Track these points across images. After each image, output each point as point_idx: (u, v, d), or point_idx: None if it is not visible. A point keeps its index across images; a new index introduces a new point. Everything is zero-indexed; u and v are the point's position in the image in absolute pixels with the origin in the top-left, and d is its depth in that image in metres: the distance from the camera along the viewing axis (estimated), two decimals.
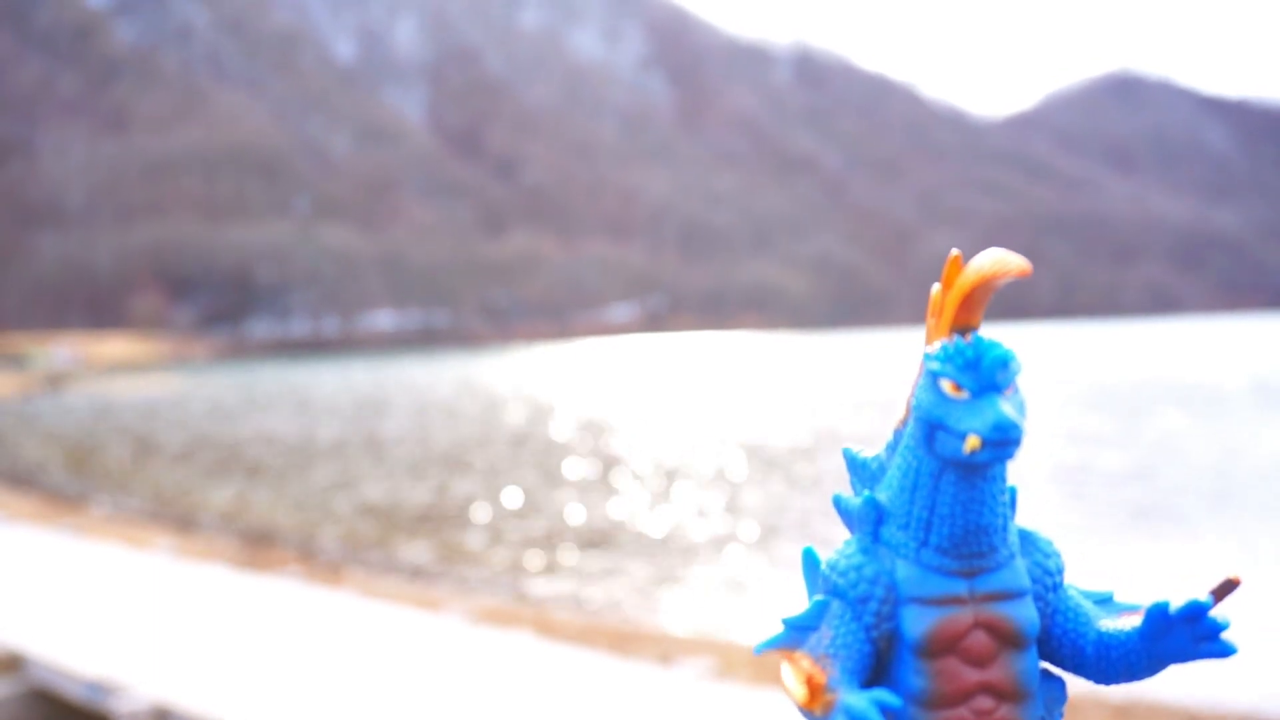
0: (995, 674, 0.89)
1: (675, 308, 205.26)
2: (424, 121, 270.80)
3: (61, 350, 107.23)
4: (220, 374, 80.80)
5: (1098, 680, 0.94)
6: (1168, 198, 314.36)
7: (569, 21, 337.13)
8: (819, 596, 0.93)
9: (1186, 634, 0.90)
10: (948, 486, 0.88)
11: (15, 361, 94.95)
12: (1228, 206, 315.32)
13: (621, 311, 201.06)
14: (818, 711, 0.85)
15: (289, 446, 27.57)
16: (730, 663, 7.63)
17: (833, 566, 0.92)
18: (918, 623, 0.88)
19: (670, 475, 21.43)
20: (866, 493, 0.95)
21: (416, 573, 13.05)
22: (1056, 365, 55.59)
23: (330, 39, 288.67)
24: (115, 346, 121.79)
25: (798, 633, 0.91)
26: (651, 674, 5.54)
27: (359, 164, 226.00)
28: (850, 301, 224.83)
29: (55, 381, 63.49)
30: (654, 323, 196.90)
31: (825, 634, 0.90)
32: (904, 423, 0.94)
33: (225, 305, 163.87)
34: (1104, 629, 0.94)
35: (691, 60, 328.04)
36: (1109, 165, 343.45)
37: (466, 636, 6.02)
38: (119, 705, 5.01)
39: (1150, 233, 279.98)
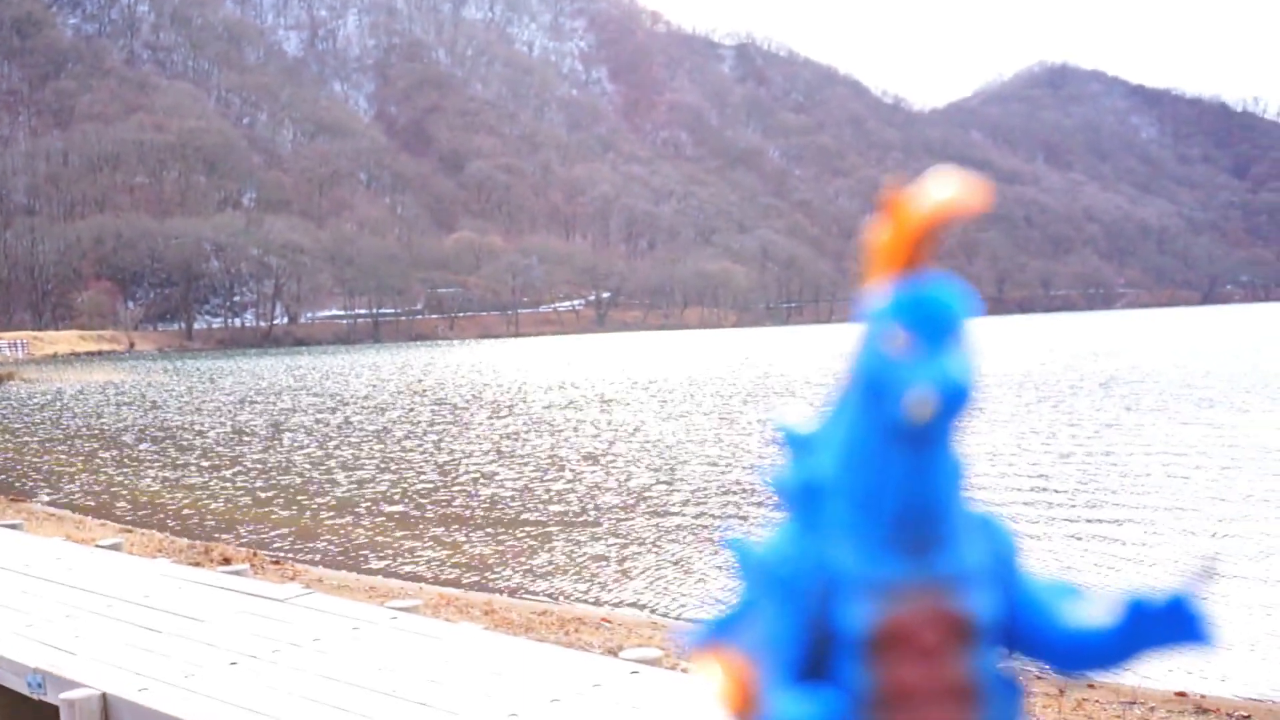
0: (947, 671, 0.80)
1: (621, 300, 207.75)
2: (371, 115, 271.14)
3: (8, 344, 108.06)
4: (168, 367, 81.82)
5: (1066, 670, 0.88)
6: (1100, 188, 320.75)
7: (514, 15, 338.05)
8: (750, 588, 0.85)
9: (1167, 625, 0.84)
10: (892, 458, 0.78)
11: None
12: (1158, 198, 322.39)
13: (568, 304, 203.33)
14: (748, 716, 0.79)
15: (235, 439, 27.98)
16: (680, 650, 7.64)
17: (764, 553, 0.83)
18: (860, 614, 0.79)
19: (617, 458, 21.71)
20: (801, 470, 0.84)
21: (367, 563, 13.08)
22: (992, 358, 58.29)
23: (277, 32, 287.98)
24: (62, 340, 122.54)
25: (725, 629, 0.83)
26: (599, 663, 5.67)
27: (306, 157, 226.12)
28: (793, 294, 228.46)
29: (1, 375, 64.21)
30: (600, 315, 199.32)
31: (756, 629, 0.82)
32: (842, 388, 0.83)
33: (173, 299, 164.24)
34: (1074, 619, 0.87)
35: (635, 54, 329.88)
36: (1042, 156, 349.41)
37: (416, 628, 6.16)
38: (64, 694, 5.22)
39: (1083, 224, 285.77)
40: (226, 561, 11.31)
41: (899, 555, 0.79)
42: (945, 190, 0.76)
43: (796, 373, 49.47)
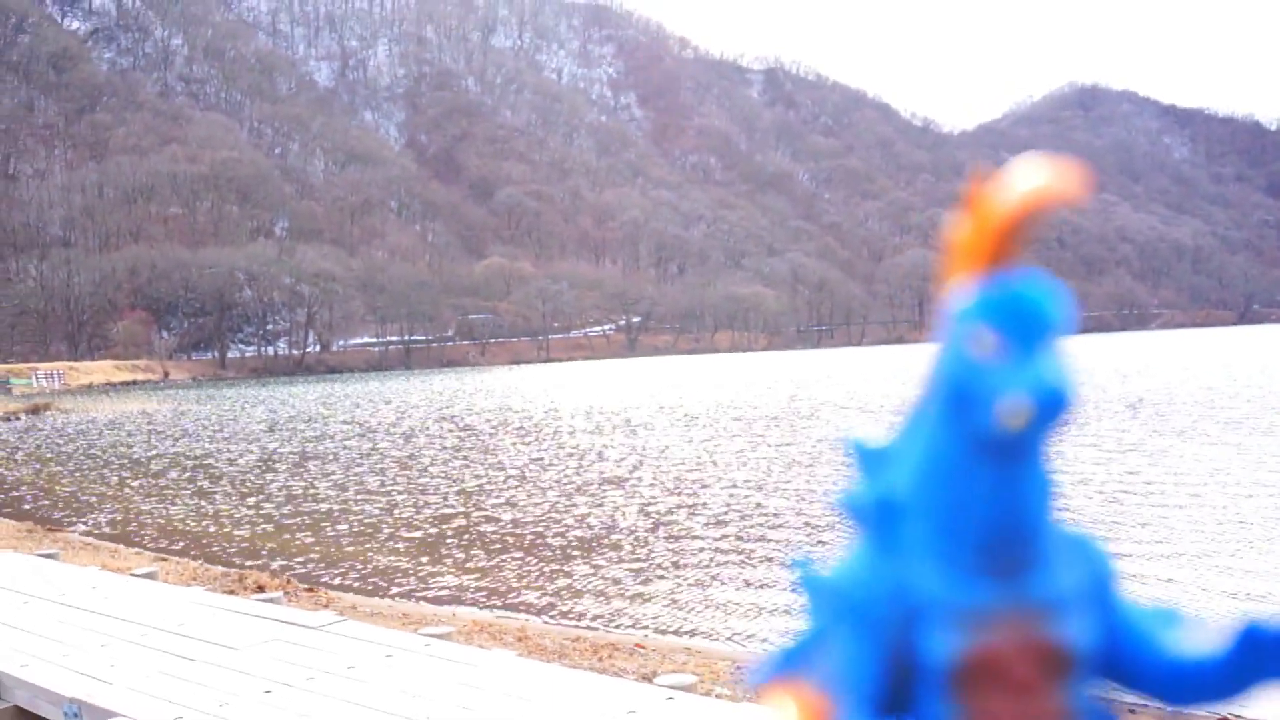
0: (1041, 705, 0.71)
1: (651, 325, 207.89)
2: (401, 144, 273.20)
3: (44, 375, 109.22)
4: (202, 396, 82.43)
5: (1171, 702, 0.79)
6: (1133, 209, 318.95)
7: (543, 43, 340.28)
8: (822, 615, 0.74)
9: None
10: (979, 472, 0.69)
11: None
12: (1192, 218, 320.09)
13: (598, 329, 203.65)
14: None
15: (264, 466, 28.02)
16: (714, 676, 7.84)
17: (838, 579, 0.74)
18: (945, 645, 0.70)
19: (641, 481, 21.70)
20: (878, 488, 0.75)
21: (397, 589, 12.99)
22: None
23: (308, 63, 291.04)
24: (97, 370, 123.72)
25: (797, 660, 0.74)
26: (634, 689, 5.58)
27: (338, 186, 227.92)
28: (823, 317, 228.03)
29: (38, 405, 64.92)
30: (631, 340, 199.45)
31: (831, 660, 0.73)
32: (921, 397, 0.74)
33: (206, 328, 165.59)
34: (1179, 647, 0.78)
35: (664, 79, 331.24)
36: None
37: (450, 654, 6.13)
38: None
39: (1116, 245, 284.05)
40: (260, 589, 11.31)
41: (987, 579, 0.71)
42: (1036, 178, 0.68)
43: (828, 395, 49.30)
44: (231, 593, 10.41)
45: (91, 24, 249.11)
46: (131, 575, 9.79)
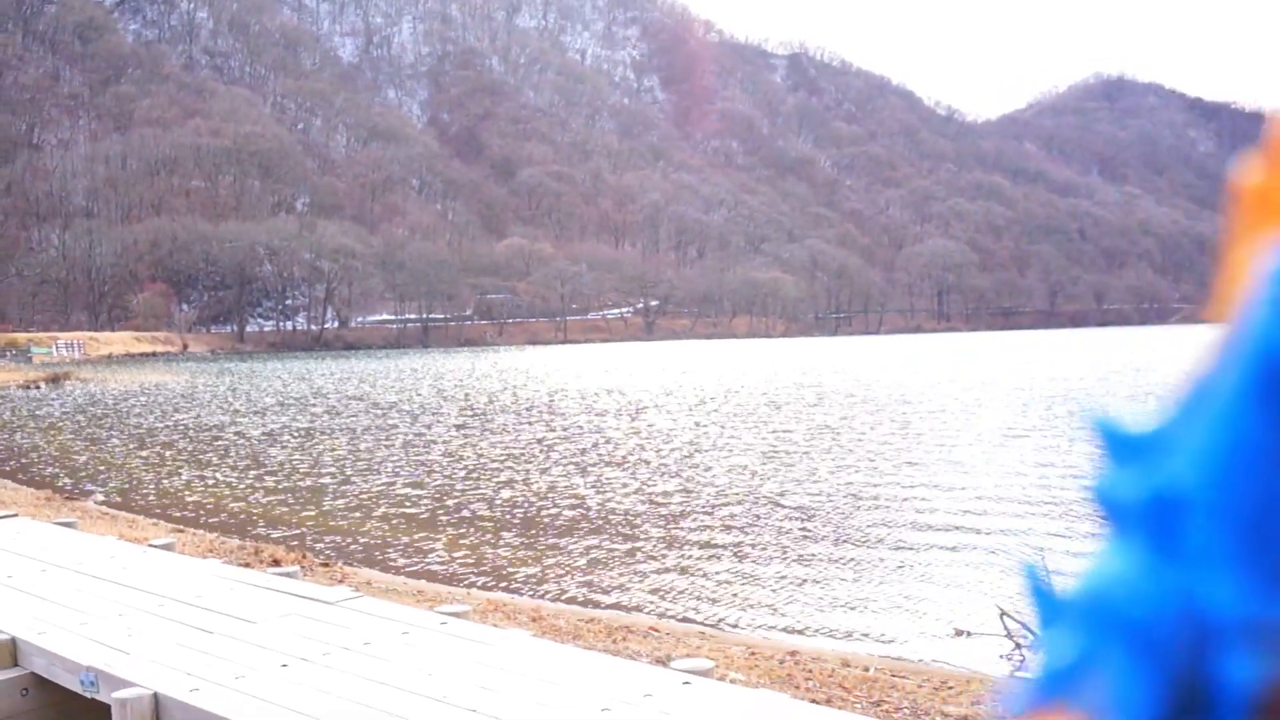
0: None
1: (670, 308, 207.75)
2: (424, 122, 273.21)
3: (65, 345, 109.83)
4: (221, 369, 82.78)
5: None
6: (1156, 202, 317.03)
7: (567, 24, 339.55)
8: (1087, 635, 0.55)
9: None
10: None
11: (20, 355, 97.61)
12: (1216, 212, 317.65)
13: (616, 312, 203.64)
14: None
15: (289, 442, 28.11)
16: (728, 660, 7.87)
17: (1106, 593, 0.55)
18: (1247, 672, 0.50)
19: (669, 462, 21.79)
20: (1153, 480, 0.54)
21: (413, 569, 13.01)
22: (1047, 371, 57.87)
23: (333, 39, 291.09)
24: (117, 341, 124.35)
25: (1061, 685, 0.55)
26: (650, 673, 5.55)
27: (359, 163, 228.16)
28: (842, 304, 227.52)
29: (58, 374, 65.34)
30: (649, 323, 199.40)
31: (1103, 689, 0.54)
32: (1213, 374, 0.52)
33: (226, 302, 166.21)
34: None
35: (688, 63, 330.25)
36: (1098, 169, 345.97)
37: (466, 633, 6.14)
38: (116, 694, 5.22)
39: (1138, 238, 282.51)
40: (276, 563, 11.33)
41: None
42: None
43: (841, 385, 49.24)
44: (247, 565, 10.43)
45: None
46: (149, 546, 9.76)
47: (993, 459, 21.75)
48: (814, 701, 6.52)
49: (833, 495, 17.73)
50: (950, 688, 7.86)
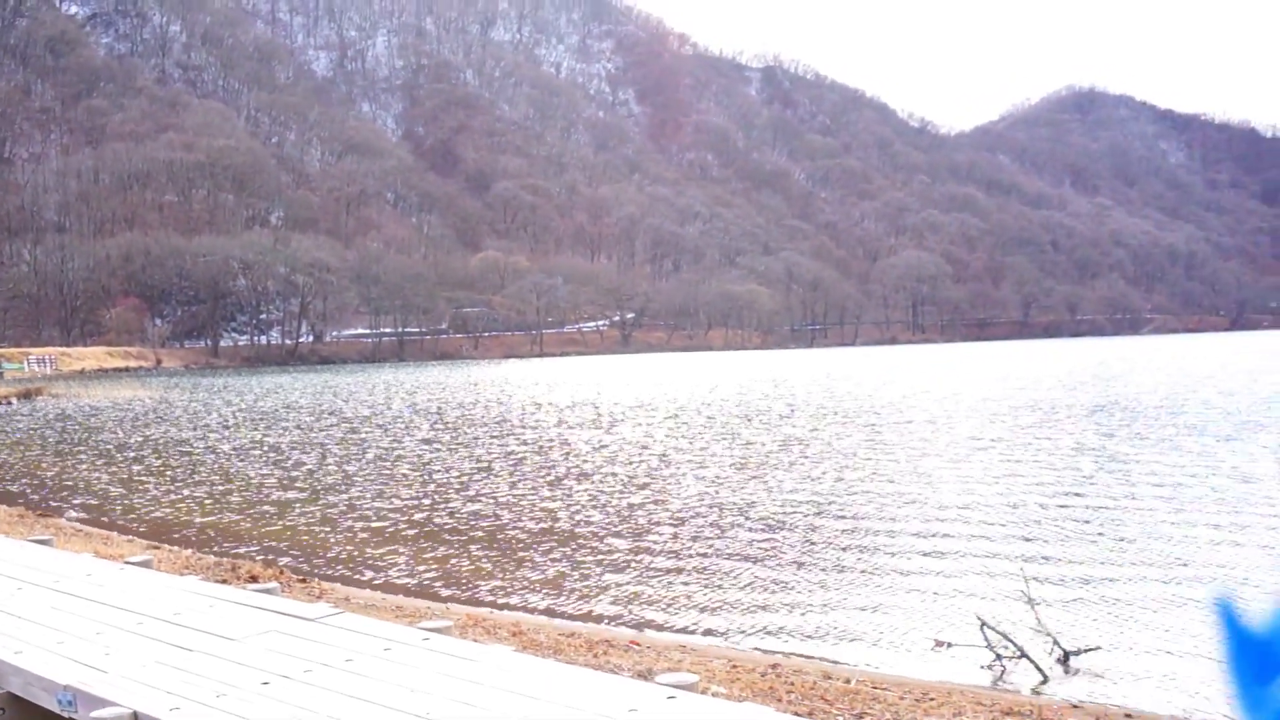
0: None
1: (646, 321, 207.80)
2: (399, 135, 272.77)
3: (36, 360, 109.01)
4: (194, 384, 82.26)
5: None
6: (1127, 213, 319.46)
7: (542, 37, 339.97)
8: None
9: None
10: None
11: None
12: (1186, 223, 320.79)
13: (592, 325, 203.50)
14: None
15: (262, 457, 27.90)
16: (710, 674, 7.84)
17: None
18: None
19: (648, 477, 21.66)
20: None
21: (392, 584, 12.95)
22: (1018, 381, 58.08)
23: (307, 52, 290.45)
24: (90, 356, 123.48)
25: None
26: (634, 687, 5.48)
27: (334, 176, 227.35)
28: (817, 316, 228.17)
29: (30, 390, 64.89)
30: (625, 335, 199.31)
31: None
32: None
33: (200, 316, 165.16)
34: None
35: (663, 76, 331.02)
36: (1069, 181, 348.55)
37: (448, 649, 6.07)
38: (94, 713, 5.16)
39: (1109, 249, 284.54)
40: (254, 579, 11.28)
41: None
42: None
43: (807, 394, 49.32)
44: (225, 582, 10.33)
45: (90, 9, 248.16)
46: (126, 563, 9.69)
47: (971, 469, 21.77)
48: (797, 714, 6.53)
49: (806, 506, 17.73)
50: (932, 699, 7.87)
